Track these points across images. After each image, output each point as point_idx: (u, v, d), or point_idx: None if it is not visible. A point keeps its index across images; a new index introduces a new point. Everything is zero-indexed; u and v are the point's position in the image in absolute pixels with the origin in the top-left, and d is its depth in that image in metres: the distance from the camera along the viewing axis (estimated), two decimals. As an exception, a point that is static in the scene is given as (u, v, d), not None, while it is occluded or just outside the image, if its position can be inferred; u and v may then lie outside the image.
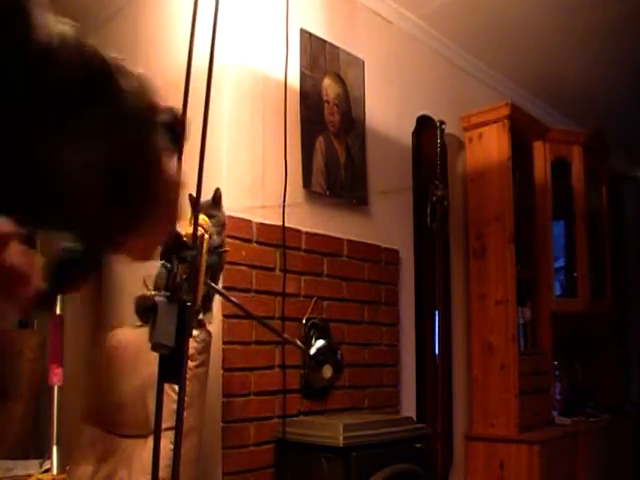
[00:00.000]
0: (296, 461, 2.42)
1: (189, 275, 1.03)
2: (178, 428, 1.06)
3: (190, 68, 0.99)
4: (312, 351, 1.82)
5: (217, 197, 2.02)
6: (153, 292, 0.98)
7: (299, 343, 2.02)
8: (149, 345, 0.97)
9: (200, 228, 1.12)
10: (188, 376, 2.04)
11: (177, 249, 1.01)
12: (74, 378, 2.77)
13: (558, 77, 4.21)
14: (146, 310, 0.97)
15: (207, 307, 2.25)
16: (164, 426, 2.07)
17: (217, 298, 2.13)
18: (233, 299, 1.86)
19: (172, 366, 0.97)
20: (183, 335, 0.96)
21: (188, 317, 0.97)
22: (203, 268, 1.06)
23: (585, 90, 4.39)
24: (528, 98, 4.38)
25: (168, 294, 0.98)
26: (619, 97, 4.46)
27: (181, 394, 1.00)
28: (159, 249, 0.72)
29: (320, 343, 1.87)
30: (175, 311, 0.96)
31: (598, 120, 4.36)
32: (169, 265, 1.00)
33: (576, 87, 4.34)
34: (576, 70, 4.14)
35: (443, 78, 3.80)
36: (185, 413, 2.04)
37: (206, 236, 1.12)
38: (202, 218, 1.10)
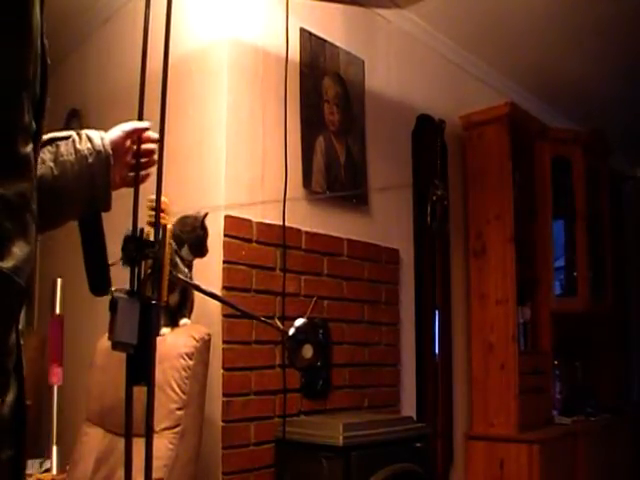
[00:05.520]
0: (296, 461, 2.42)
1: (153, 269, 0.98)
2: (149, 431, 1.01)
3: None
4: (291, 331, 1.79)
5: (204, 220, 2.18)
6: (113, 289, 0.94)
7: (277, 322, 2.00)
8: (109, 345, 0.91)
9: (162, 215, 1.04)
10: (187, 375, 2.04)
11: (139, 247, 0.97)
12: (74, 378, 2.76)
13: (557, 76, 4.20)
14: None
15: (185, 306, 2.25)
16: (163, 426, 2.08)
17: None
18: (210, 291, 1.85)
19: (140, 367, 0.91)
20: (148, 333, 0.91)
21: (152, 313, 0.93)
22: (167, 259, 1.01)
23: (584, 89, 4.38)
24: (527, 97, 4.38)
25: (129, 289, 0.94)
26: (618, 96, 4.45)
27: (150, 398, 0.94)
28: None
29: (300, 322, 1.84)
30: (137, 308, 0.92)
31: (597, 119, 4.35)
32: (131, 262, 0.96)
33: (575, 86, 4.33)
34: (575, 69, 4.13)
35: (443, 77, 3.79)
36: (184, 413, 2.03)
37: (169, 226, 1.06)
38: (163, 200, 1.05)
